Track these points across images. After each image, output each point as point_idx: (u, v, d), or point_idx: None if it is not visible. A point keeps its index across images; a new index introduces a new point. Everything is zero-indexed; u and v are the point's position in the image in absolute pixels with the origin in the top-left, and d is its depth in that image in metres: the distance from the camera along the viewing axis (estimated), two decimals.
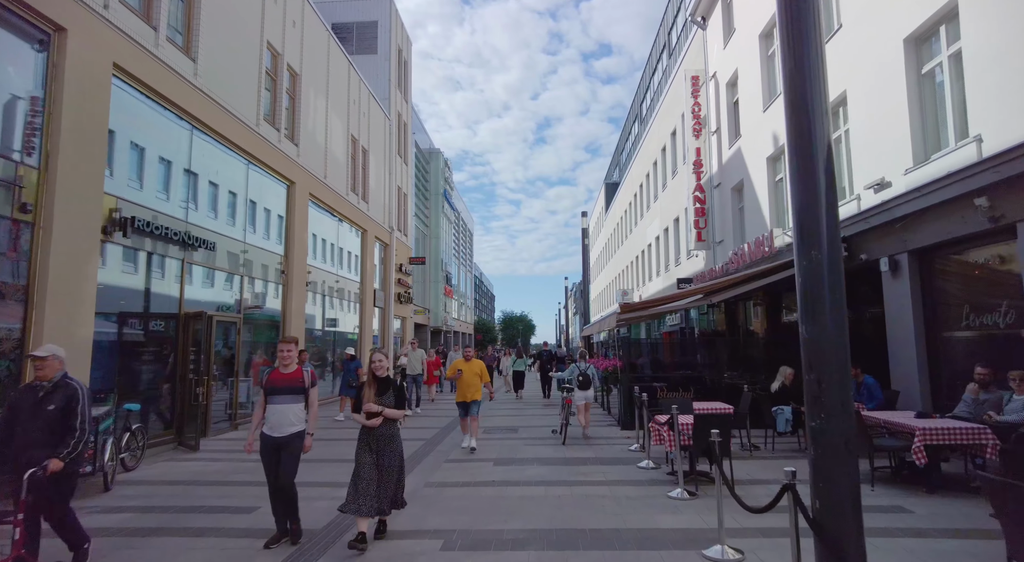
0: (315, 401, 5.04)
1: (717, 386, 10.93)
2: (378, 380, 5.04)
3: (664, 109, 24.68)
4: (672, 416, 6.31)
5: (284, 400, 4.82)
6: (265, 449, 4.82)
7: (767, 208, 13.97)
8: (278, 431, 4.79)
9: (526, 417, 12.99)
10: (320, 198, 15.64)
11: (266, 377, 4.89)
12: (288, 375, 4.91)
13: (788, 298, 13.58)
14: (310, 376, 5.01)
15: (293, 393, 4.86)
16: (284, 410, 4.81)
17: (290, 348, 4.99)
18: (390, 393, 5.02)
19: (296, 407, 4.88)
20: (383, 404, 4.94)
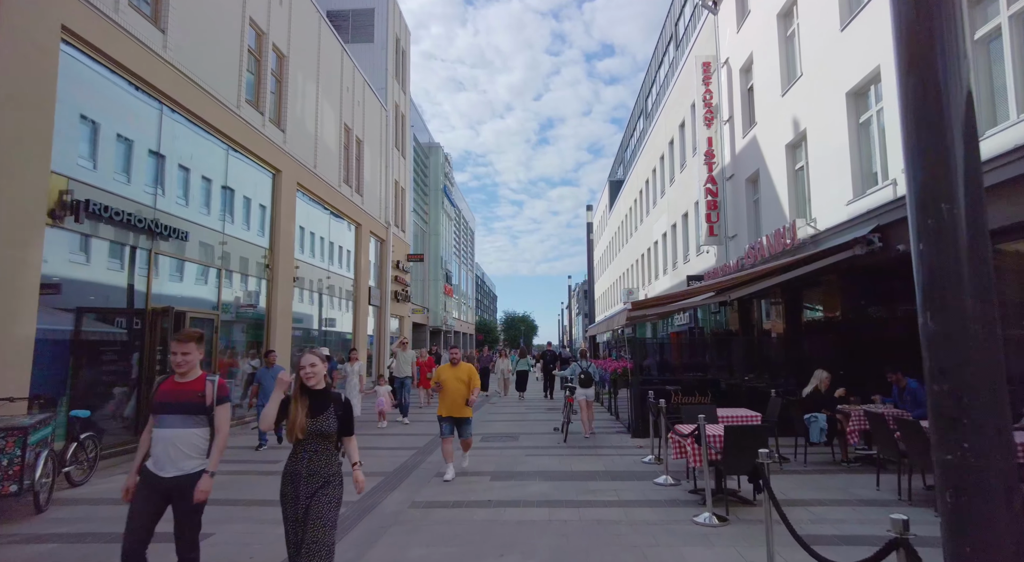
0: (224, 425, 3.46)
1: (736, 390, 10.00)
2: (310, 394, 3.44)
3: (672, 100, 23.75)
4: (699, 427, 5.38)
5: (175, 422, 3.32)
6: (143, 495, 3.26)
7: (786, 199, 13.03)
8: (164, 468, 3.28)
9: (528, 422, 12.07)
10: (309, 189, 14.75)
11: (155, 388, 3.45)
12: (184, 387, 3.39)
13: (810, 295, 12.63)
14: (216, 389, 3.44)
15: (189, 412, 3.35)
16: (174, 438, 3.30)
17: (187, 350, 3.39)
18: (330, 412, 3.41)
19: (194, 434, 3.36)
20: (320, 429, 3.34)
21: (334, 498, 3.36)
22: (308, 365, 3.46)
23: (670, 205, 24.28)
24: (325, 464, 3.38)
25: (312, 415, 3.37)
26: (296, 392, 3.45)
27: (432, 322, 28.85)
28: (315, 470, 3.35)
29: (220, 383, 3.48)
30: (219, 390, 3.45)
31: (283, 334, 13.01)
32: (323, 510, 3.28)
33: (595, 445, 9.23)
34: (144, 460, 3.37)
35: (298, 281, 14.18)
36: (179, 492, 3.29)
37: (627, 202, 37.62)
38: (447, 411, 7.35)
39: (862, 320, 10.46)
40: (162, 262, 9.24)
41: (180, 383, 3.40)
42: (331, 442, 3.42)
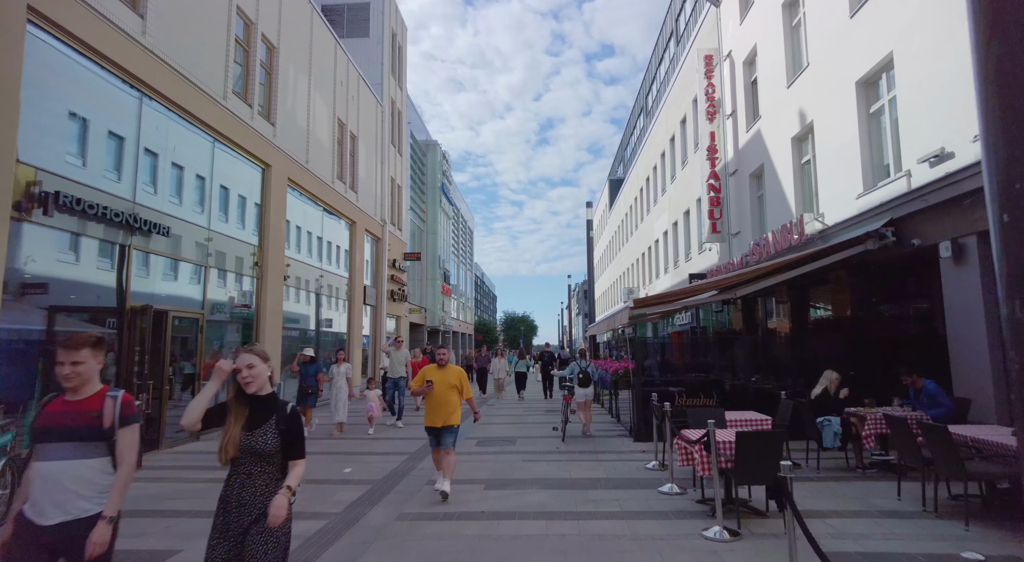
0: (129, 453, 2.64)
1: (742, 392, 9.59)
2: (249, 401, 2.78)
3: (673, 96, 23.36)
4: (708, 433, 4.97)
5: (62, 452, 2.52)
6: (20, 553, 2.47)
7: (792, 193, 12.63)
8: (45, 513, 2.48)
9: (526, 426, 11.65)
10: (301, 184, 14.34)
11: (39, 410, 2.64)
12: (76, 406, 2.60)
13: (817, 293, 12.24)
14: (119, 406, 2.64)
15: (82, 439, 2.55)
16: (59, 473, 2.50)
17: (79, 359, 2.60)
18: (270, 426, 2.72)
19: (87, 466, 2.55)
20: (254, 447, 2.66)
21: (274, 539, 2.63)
22: (245, 366, 2.75)
23: (671, 202, 23.90)
24: (262, 492, 2.66)
25: (249, 428, 2.70)
26: (231, 397, 2.79)
27: (430, 322, 28.43)
28: (247, 499, 2.64)
29: (125, 400, 2.67)
30: (123, 408, 2.63)
31: (273, 334, 12.60)
32: (257, 553, 2.57)
33: (595, 450, 8.82)
34: (23, 504, 2.54)
35: (289, 280, 13.77)
36: (67, 545, 2.48)
37: (627, 200, 37.24)
38: (432, 420, 6.22)
39: (872, 318, 10.06)
40: (141, 259, 8.83)
41: (71, 402, 2.60)
42: (272, 464, 2.73)
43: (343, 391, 10.49)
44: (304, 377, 10.51)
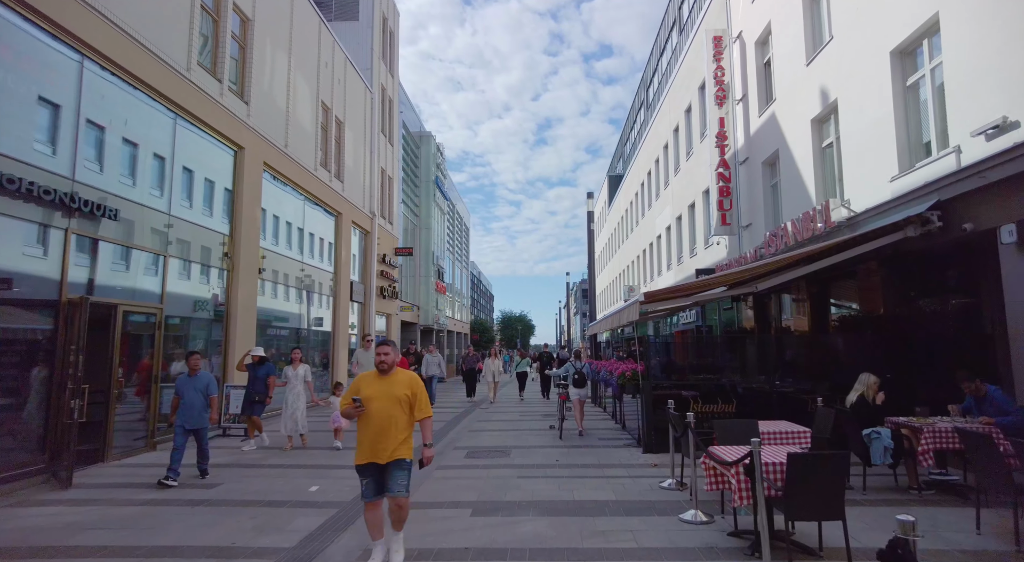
0: None
1: (765, 397, 8.54)
2: None
3: (678, 84, 22.33)
4: (751, 454, 3.91)
5: None
6: None
7: (812, 180, 11.60)
8: None
9: (521, 433, 10.58)
10: (279, 170, 13.25)
11: None
12: None
13: (841, 287, 11.20)
14: None
15: None
16: None
17: None
18: None
19: None
20: None
21: None
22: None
23: (675, 196, 22.89)
24: None
25: None
26: None
27: (423, 320, 27.33)
28: None
29: None
30: None
31: (245, 331, 11.52)
32: None
33: (600, 463, 7.76)
34: None
35: (265, 272, 12.68)
36: None
37: (627, 196, 36.24)
38: (365, 455, 4.22)
39: (910, 315, 9.02)
40: (84, 245, 7.73)
41: None
42: None
43: (301, 398, 8.94)
44: (252, 381, 8.93)
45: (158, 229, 9.26)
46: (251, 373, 9.02)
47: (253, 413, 8.86)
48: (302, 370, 9.11)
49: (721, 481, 4.67)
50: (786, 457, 3.90)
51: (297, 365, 9.19)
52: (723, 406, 8.38)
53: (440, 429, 11.06)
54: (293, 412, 8.85)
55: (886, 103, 9.04)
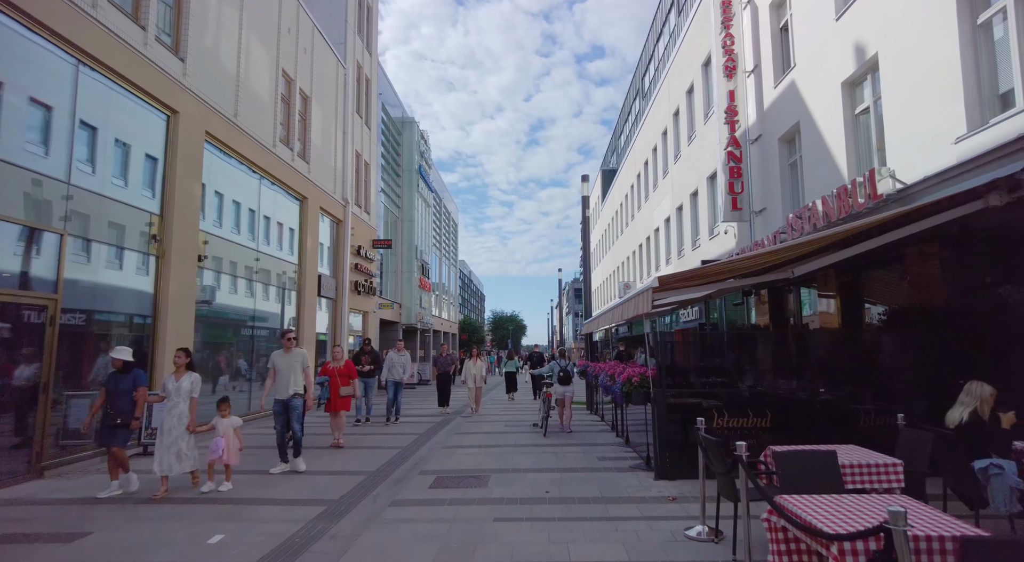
0: None
1: (805, 409, 6.87)
2: None
3: (678, 64, 20.74)
4: (889, 535, 2.20)
5: None
6: None
7: (844, 152, 9.99)
8: None
9: (505, 452, 8.85)
10: (227, 143, 11.43)
11: None
12: None
13: (879, 277, 9.57)
14: None
15: None
16: None
17: None
18: None
19: None
20: None
21: None
22: None
23: (675, 185, 21.30)
24: None
25: None
26: None
27: (405, 319, 25.53)
28: None
29: None
30: None
31: (179, 328, 9.71)
32: None
33: (604, 496, 6.05)
34: None
35: (207, 260, 10.87)
36: None
37: (622, 189, 34.69)
38: None
39: (987, 306, 7.37)
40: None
41: None
42: None
43: (183, 419, 6.30)
44: (112, 397, 6.15)
45: (53, 202, 7.44)
46: (110, 386, 6.19)
47: (114, 443, 6.09)
48: (187, 381, 6.41)
49: (800, 553, 2.98)
50: (957, 545, 2.19)
51: (181, 374, 6.44)
52: (755, 419, 6.71)
53: (408, 445, 9.32)
54: (173, 442, 6.24)
55: (948, 50, 7.41)
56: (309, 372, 7.62)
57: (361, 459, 8.18)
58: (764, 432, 6.66)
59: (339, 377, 9.22)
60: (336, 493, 6.27)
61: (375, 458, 8.21)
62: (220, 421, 6.59)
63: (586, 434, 10.33)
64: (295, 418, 7.32)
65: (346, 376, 9.32)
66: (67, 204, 7.65)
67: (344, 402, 9.26)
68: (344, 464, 7.85)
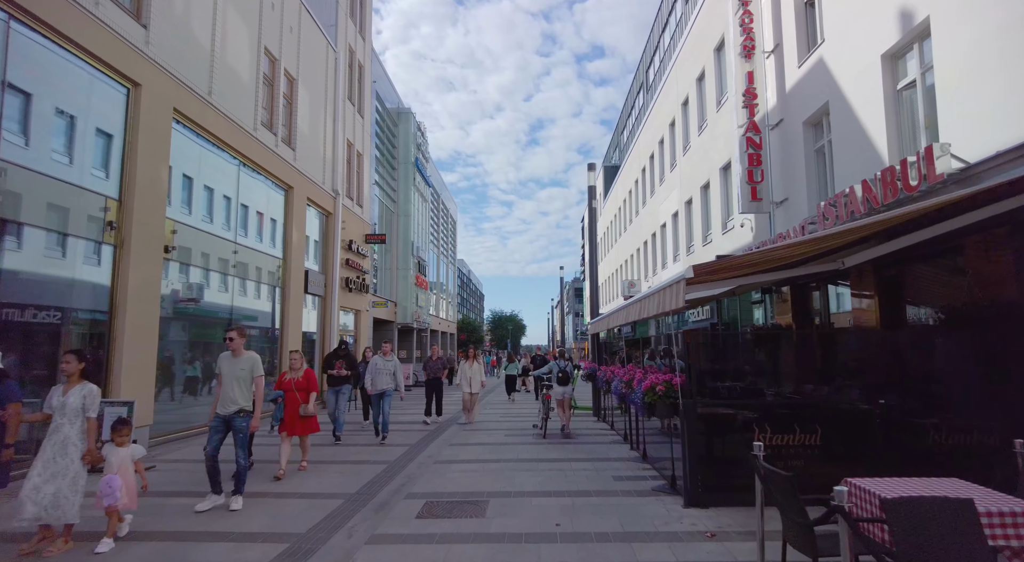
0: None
1: (863, 421, 5.81)
2: None
3: (688, 50, 19.71)
4: None
5: None
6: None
7: (883, 132, 8.94)
8: None
9: (506, 468, 7.79)
10: (200, 124, 10.37)
11: None
12: None
13: (927, 271, 8.51)
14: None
15: None
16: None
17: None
18: None
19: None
20: None
21: None
22: None
23: (683, 178, 20.26)
24: None
25: None
26: None
27: (400, 318, 24.45)
28: None
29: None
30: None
31: (142, 327, 8.65)
32: None
33: (626, 532, 4.99)
34: None
35: (175, 252, 9.81)
36: None
37: (625, 185, 33.69)
38: None
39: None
40: None
41: None
42: None
43: (68, 447, 4.55)
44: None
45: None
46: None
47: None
48: (77, 395, 4.67)
49: None
50: None
51: (72, 385, 4.75)
52: (802, 436, 5.66)
53: (396, 460, 8.26)
54: (51, 478, 4.46)
55: (1018, 5, 6.37)
56: (260, 383, 5.99)
57: (340, 478, 7.11)
58: (814, 452, 5.61)
59: (297, 392, 7.35)
60: (303, 525, 5.21)
61: (356, 476, 7.15)
62: (114, 451, 4.81)
63: (596, 446, 9.28)
64: (238, 443, 5.82)
65: (306, 391, 7.39)
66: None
67: (308, 424, 7.42)
68: (319, 484, 6.79)
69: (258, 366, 5.97)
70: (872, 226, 5.59)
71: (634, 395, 6.67)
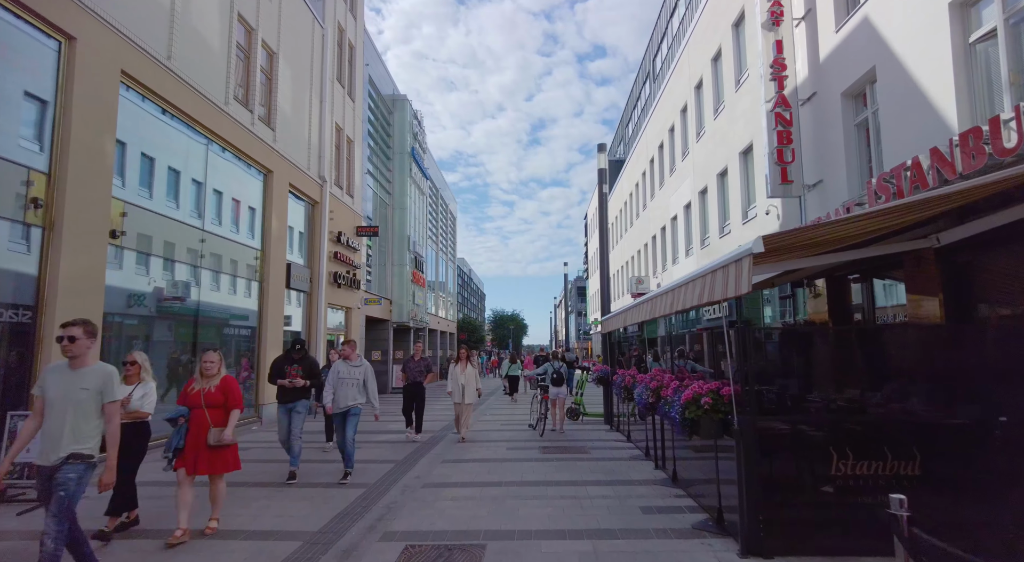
0: None
1: (976, 446, 4.46)
2: None
3: (701, 30, 18.41)
4: None
5: None
6: None
7: (952, 93, 7.59)
8: None
9: (510, 495, 6.46)
10: (154, 90, 9.05)
11: None
12: None
13: (993, 266, 7.13)
14: None
15: None
16: None
17: None
18: None
19: None
20: None
21: None
22: None
23: (697, 167, 18.96)
24: None
25: None
26: None
27: (396, 317, 23.13)
28: None
29: None
30: None
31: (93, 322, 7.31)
32: None
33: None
34: None
35: (125, 237, 8.49)
36: None
37: (632, 179, 32.43)
38: None
39: None
40: None
41: None
42: None
43: None
44: None
45: None
46: None
47: None
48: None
49: None
50: None
51: None
52: (895, 463, 4.33)
53: (376, 482, 6.93)
54: None
55: None
56: (113, 415, 3.82)
57: (303, 507, 5.79)
58: (913, 484, 4.28)
59: (208, 410, 4.91)
60: None
61: (325, 505, 5.83)
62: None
63: (613, 464, 7.93)
64: (55, 505, 3.49)
65: (222, 408, 4.98)
66: None
67: (221, 459, 4.97)
68: (275, 518, 5.46)
69: (111, 385, 3.83)
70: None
71: (669, 408, 5.32)
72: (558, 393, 11.01)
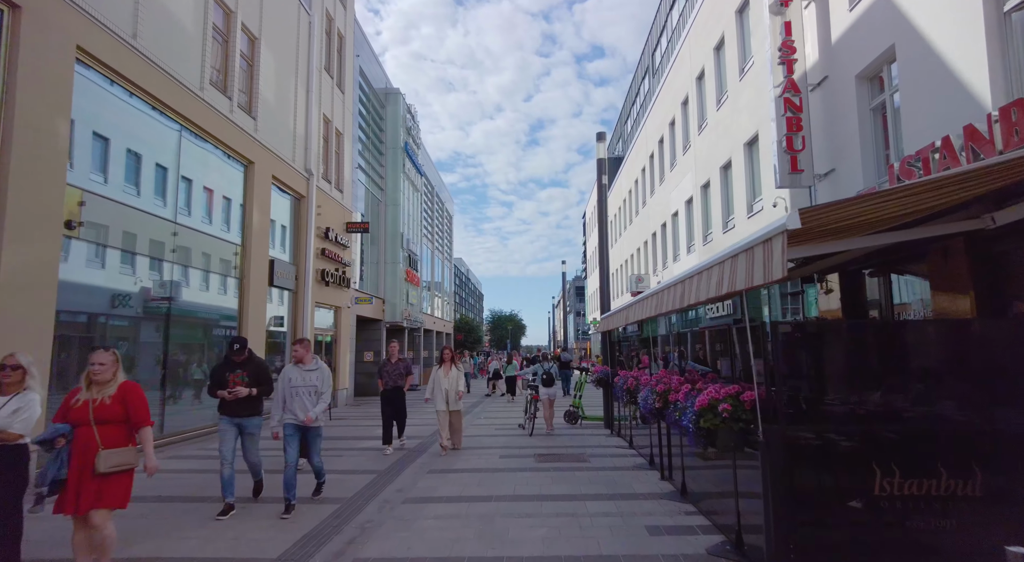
0: None
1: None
2: None
3: (702, 20, 17.83)
4: None
5: None
6: None
7: (984, 69, 6.95)
8: None
9: (501, 512, 5.78)
10: (118, 70, 8.36)
11: None
12: None
13: None
14: None
15: None
16: None
17: None
18: None
19: None
20: None
21: None
22: None
23: (699, 160, 18.33)
24: None
25: None
26: None
27: (389, 316, 22.43)
28: None
29: None
30: None
31: (24, 323, 6.65)
32: None
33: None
34: None
35: (82, 229, 7.80)
36: None
37: (631, 175, 31.79)
38: None
39: None
40: None
41: None
42: None
43: None
44: None
45: None
46: None
47: None
48: None
49: None
50: None
51: None
52: (951, 482, 3.65)
53: (353, 496, 6.24)
54: None
55: None
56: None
57: (266, 529, 5.10)
58: (973, 506, 3.61)
59: (97, 427, 3.76)
60: None
61: (290, 526, 5.15)
62: None
63: (615, 473, 7.26)
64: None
65: (123, 424, 3.89)
66: None
67: (110, 490, 3.75)
68: (230, 542, 4.78)
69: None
70: None
71: (681, 416, 4.65)
72: (547, 394, 11.06)
